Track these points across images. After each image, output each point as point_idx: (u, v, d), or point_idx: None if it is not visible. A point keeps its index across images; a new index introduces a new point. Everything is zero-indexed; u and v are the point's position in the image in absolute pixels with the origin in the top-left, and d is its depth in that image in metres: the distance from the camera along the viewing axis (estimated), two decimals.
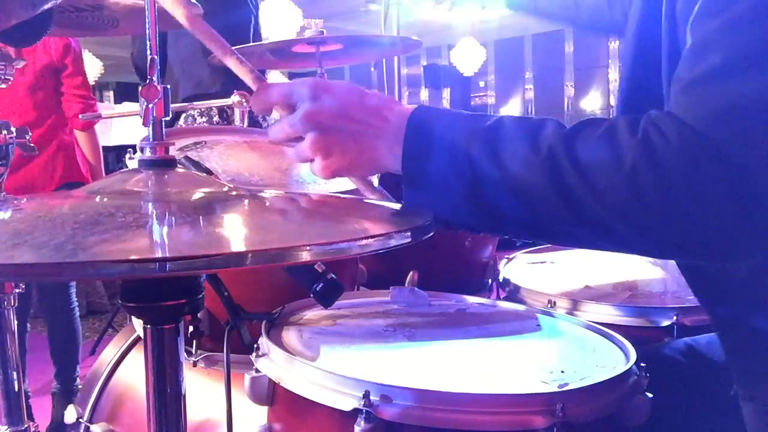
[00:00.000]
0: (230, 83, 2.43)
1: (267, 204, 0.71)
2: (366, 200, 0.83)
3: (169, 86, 0.72)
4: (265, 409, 0.83)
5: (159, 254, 0.50)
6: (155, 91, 0.70)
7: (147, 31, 0.70)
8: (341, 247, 0.55)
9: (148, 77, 0.70)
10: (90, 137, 2.75)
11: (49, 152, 2.59)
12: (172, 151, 0.73)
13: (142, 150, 0.72)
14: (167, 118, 0.72)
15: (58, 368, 2.74)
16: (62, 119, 2.65)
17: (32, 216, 0.62)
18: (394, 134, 0.72)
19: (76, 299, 2.78)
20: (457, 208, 0.71)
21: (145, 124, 0.71)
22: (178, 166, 0.74)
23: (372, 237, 0.58)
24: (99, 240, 0.52)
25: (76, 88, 2.64)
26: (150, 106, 0.70)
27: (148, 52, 0.71)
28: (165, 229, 0.58)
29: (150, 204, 0.66)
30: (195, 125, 2.38)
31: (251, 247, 0.54)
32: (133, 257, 0.48)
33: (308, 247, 0.53)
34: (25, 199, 0.74)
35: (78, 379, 2.76)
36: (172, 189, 0.69)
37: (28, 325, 2.75)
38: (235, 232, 0.60)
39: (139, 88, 0.70)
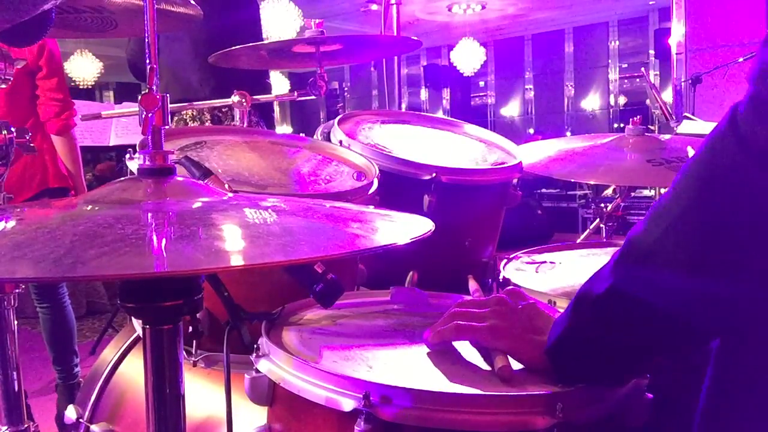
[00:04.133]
0: (220, 89, 2.44)
1: (266, 212, 0.71)
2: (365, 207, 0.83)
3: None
4: (265, 409, 0.83)
5: (157, 270, 0.51)
6: (154, 99, 0.70)
7: (146, 39, 0.70)
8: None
9: (147, 85, 0.70)
10: (66, 142, 2.64)
11: (26, 158, 2.48)
12: (171, 158, 0.73)
13: (141, 157, 0.72)
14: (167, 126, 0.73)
15: (54, 357, 2.74)
16: (40, 123, 2.58)
17: (31, 227, 0.62)
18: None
19: (64, 290, 2.78)
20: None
21: (144, 132, 0.71)
22: (178, 169, 0.74)
23: (371, 248, 0.58)
24: (98, 253, 0.52)
25: (50, 91, 2.56)
26: (149, 114, 0.70)
27: (147, 60, 0.71)
28: (164, 241, 0.57)
29: (149, 214, 0.66)
30: None
31: (250, 260, 0.54)
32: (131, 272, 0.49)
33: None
34: (26, 207, 0.73)
35: (78, 369, 2.77)
36: (171, 198, 0.69)
37: (28, 326, 2.76)
38: (234, 243, 0.59)
39: (139, 96, 0.70)
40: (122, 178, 0.76)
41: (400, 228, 0.74)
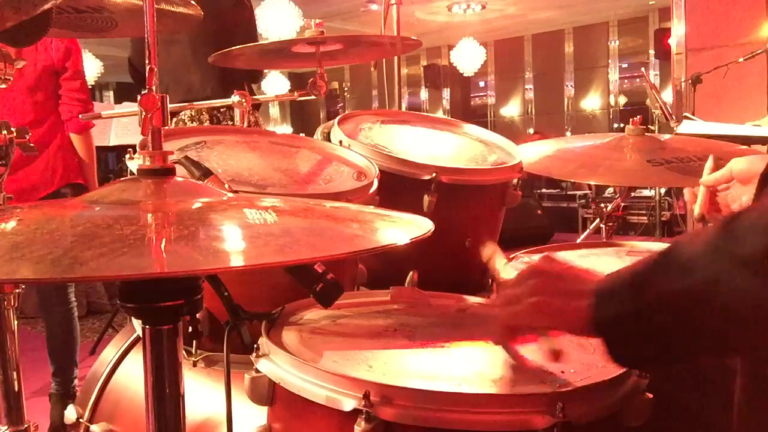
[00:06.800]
0: (220, 89, 2.45)
1: (265, 212, 0.71)
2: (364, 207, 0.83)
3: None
4: (265, 409, 0.83)
5: (156, 270, 0.51)
6: (154, 100, 0.70)
7: (146, 41, 0.70)
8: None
9: (147, 86, 0.70)
10: (85, 140, 2.75)
11: (49, 153, 2.61)
12: (171, 158, 0.73)
13: (141, 157, 0.72)
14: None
15: (56, 368, 2.73)
16: (61, 120, 2.67)
17: (30, 228, 0.62)
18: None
19: (74, 298, 2.78)
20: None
21: (144, 133, 0.71)
22: (177, 169, 0.74)
23: (371, 248, 0.58)
24: (96, 254, 0.52)
25: (74, 92, 2.65)
26: (149, 115, 0.70)
27: (147, 61, 0.71)
28: (163, 242, 0.57)
29: (148, 215, 0.65)
30: None
31: (250, 260, 0.54)
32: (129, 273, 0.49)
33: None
34: (25, 208, 0.73)
35: (76, 380, 2.75)
36: (170, 199, 0.69)
37: (27, 326, 2.74)
38: (234, 243, 0.60)
39: (139, 97, 0.70)
40: (122, 179, 0.76)
41: (400, 228, 0.74)
